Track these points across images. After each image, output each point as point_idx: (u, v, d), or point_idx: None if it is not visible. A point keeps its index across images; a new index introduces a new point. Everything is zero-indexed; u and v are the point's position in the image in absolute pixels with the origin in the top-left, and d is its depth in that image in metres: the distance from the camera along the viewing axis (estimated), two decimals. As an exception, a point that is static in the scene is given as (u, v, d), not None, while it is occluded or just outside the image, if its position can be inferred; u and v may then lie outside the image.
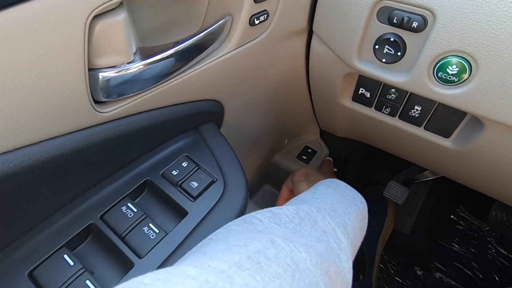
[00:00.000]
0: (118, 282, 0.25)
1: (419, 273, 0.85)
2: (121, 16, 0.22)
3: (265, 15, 0.33)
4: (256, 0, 0.31)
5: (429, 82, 0.32)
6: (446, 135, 0.40)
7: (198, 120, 0.37)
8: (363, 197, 0.37)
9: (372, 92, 0.42)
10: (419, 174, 0.77)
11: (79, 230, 0.27)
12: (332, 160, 0.67)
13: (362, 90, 0.43)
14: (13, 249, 0.25)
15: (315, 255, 0.22)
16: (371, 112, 0.45)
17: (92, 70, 0.23)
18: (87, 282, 0.24)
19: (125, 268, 0.26)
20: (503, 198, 0.47)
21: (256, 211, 0.27)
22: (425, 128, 0.41)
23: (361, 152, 0.80)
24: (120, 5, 0.22)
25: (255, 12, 0.32)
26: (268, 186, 0.73)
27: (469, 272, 0.86)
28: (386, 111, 0.43)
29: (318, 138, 0.73)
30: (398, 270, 0.86)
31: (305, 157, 0.69)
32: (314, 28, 0.39)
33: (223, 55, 0.33)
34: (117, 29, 0.22)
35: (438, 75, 0.31)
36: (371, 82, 0.41)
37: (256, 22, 0.33)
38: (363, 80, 0.42)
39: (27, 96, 0.20)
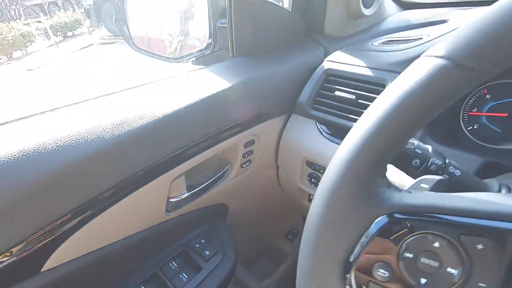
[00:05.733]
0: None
1: None
2: (181, 178, 0.54)
3: (249, 162, 0.66)
4: (244, 155, 0.64)
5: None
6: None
7: (214, 214, 0.66)
8: None
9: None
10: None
11: (149, 274, 0.54)
12: None
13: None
14: None
15: None
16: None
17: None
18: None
19: None
20: None
21: None
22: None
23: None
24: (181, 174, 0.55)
25: (243, 162, 0.64)
26: (264, 258, 0.96)
27: None
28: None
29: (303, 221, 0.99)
30: None
31: (290, 237, 0.94)
32: (278, 163, 0.71)
33: (227, 182, 0.64)
34: (180, 183, 0.54)
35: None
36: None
37: (244, 166, 0.65)
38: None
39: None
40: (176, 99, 0.51)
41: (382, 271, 0.24)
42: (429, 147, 0.35)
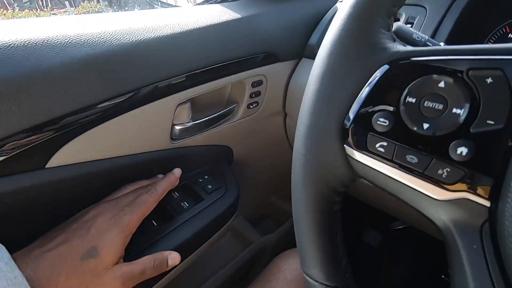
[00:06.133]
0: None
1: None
2: (187, 105, 0.54)
3: (256, 103, 0.65)
4: (251, 95, 0.63)
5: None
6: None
7: (219, 156, 0.66)
8: None
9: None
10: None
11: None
12: None
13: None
14: None
15: None
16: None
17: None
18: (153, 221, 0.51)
19: (167, 220, 0.52)
20: None
21: None
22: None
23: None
24: (187, 101, 0.54)
25: (250, 102, 0.64)
26: (267, 220, 0.95)
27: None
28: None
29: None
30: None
31: (295, 199, 0.93)
32: (286, 110, 0.70)
33: (233, 122, 0.64)
34: (185, 109, 0.54)
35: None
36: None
37: (251, 107, 0.64)
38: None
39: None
40: (183, 21, 0.50)
41: (382, 119, 0.23)
42: (442, 43, 0.33)
